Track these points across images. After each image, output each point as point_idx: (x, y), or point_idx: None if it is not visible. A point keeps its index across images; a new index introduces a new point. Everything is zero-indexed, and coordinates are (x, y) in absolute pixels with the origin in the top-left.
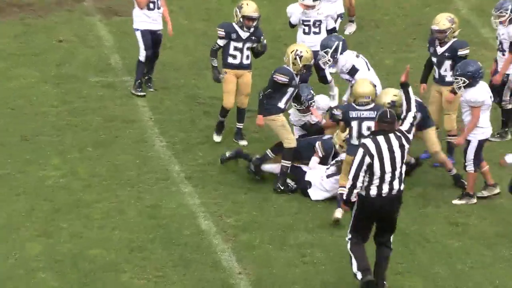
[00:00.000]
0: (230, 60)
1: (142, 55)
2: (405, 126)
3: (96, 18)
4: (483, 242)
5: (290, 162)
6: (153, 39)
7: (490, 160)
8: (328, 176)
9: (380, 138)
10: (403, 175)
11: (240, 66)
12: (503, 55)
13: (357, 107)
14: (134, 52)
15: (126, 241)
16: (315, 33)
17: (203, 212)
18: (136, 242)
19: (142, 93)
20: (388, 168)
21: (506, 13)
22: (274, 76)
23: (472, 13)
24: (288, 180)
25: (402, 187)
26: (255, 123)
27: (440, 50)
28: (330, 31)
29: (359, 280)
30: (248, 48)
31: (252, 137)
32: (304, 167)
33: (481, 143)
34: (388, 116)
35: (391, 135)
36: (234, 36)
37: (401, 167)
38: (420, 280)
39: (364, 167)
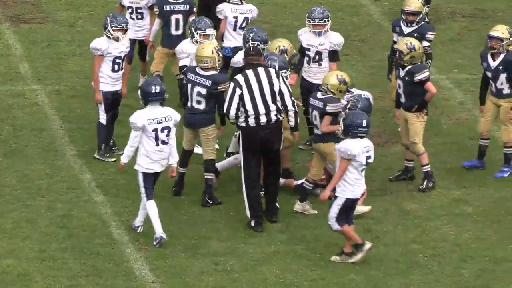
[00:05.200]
0: None
1: (102, 118)
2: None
3: (4, 26)
4: (397, 248)
5: (213, 174)
6: (113, 99)
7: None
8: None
9: (249, 72)
10: (281, 109)
11: None
12: (320, 65)
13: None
14: (43, 60)
15: (37, 251)
16: None
17: (115, 221)
18: (48, 252)
19: (111, 159)
20: (258, 97)
21: (329, 21)
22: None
23: (385, 18)
24: None
25: (281, 118)
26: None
27: (493, 64)
28: None
29: (251, 227)
30: None
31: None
32: None
33: (348, 202)
34: (251, 49)
35: (260, 68)
36: None
37: (273, 97)
38: (335, 287)
39: (236, 99)
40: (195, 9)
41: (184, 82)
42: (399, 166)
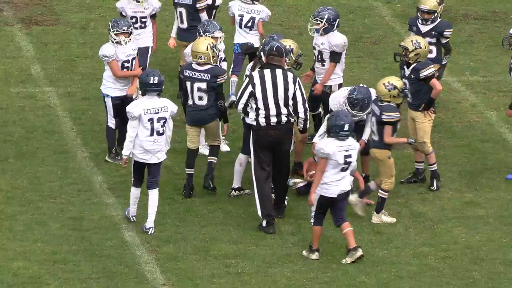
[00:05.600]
0: None
1: (111, 122)
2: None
3: (16, 28)
4: (408, 251)
5: (216, 158)
6: (122, 104)
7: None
8: None
9: (267, 71)
10: (292, 112)
11: None
12: (323, 65)
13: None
14: (55, 62)
15: (49, 253)
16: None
17: (126, 223)
18: (59, 254)
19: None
20: (270, 98)
21: (322, 22)
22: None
23: (397, 20)
24: None
25: (292, 120)
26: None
27: None
28: None
29: (263, 228)
30: None
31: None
32: None
33: (322, 200)
34: (274, 49)
35: (278, 70)
36: None
37: (285, 101)
38: None
39: (247, 96)
40: (199, 5)
41: (182, 79)
42: (410, 169)
